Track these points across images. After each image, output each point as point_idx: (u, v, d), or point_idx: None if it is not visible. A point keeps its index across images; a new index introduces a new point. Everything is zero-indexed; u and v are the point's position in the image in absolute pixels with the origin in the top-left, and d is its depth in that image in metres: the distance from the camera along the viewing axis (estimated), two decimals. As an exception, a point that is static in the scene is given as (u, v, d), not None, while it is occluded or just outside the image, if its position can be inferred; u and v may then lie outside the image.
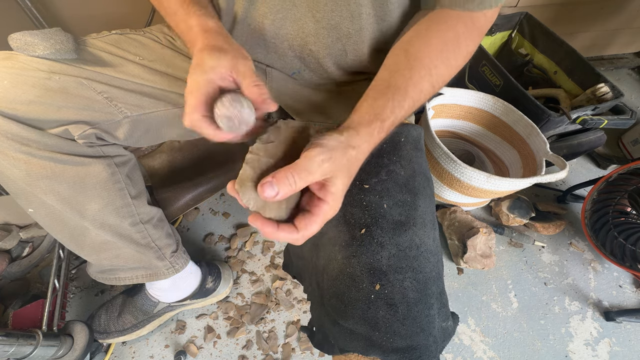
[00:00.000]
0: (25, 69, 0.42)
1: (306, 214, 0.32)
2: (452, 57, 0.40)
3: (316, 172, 0.30)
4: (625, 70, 1.62)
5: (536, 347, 0.87)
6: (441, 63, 0.39)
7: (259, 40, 0.49)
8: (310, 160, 0.30)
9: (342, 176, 0.32)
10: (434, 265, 0.42)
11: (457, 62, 0.41)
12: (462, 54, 0.41)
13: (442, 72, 0.39)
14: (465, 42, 0.40)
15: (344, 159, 0.32)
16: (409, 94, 0.37)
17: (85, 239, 0.53)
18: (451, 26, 0.39)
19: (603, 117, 0.92)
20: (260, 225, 0.31)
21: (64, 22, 0.90)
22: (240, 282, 0.91)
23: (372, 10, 0.44)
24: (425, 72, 0.38)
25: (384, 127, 0.36)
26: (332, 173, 0.31)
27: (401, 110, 0.37)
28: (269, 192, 0.29)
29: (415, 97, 0.38)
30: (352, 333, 0.39)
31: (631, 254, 0.87)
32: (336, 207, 0.33)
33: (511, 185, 0.82)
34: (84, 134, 0.45)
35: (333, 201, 0.32)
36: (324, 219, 0.32)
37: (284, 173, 0.30)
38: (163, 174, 0.87)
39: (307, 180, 0.30)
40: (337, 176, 0.32)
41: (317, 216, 0.32)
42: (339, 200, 0.33)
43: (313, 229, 0.32)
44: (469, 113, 1.05)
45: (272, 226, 0.31)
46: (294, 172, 0.30)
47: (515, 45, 1.21)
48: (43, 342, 0.61)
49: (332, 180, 0.32)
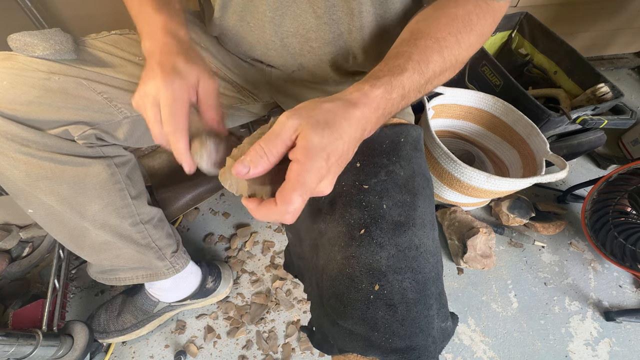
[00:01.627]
0: (24, 70, 0.42)
1: (283, 184, 0.28)
2: (462, 30, 0.37)
3: (281, 131, 0.28)
4: (625, 70, 1.62)
5: (536, 347, 0.87)
6: (450, 35, 0.36)
7: (258, 39, 0.49)
8: (277, 123, 0.28)
9: (314, 127, 0.28)
10: (433, 266, 0.42)
11: (470, 38, 0.37)
12: (475, 30, 0.38)
13: (452, 45, 0.36)
14: (478, 20, 0.38)
15: (314, 111, 0.29)
16: (414, 58, 0.34)
17: (86, 240, 0.53)
18: (460, 4, 0.38)
19: (603, 117, 0.92)
20: (245, 204, 0.30)
21: (64, 22, 0.90)
22: (240, 282, 0.91)
23: (372, 9, 0.44)
24: (432, 41, 0.35)
25: (378, 83, 0.32)
26: (301, 127, 0.28)
27: (402, 71, 0.33)
28: (240, 168, 0.28)
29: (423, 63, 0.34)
30: (351, 333, 0.39)
31: (631, 254, 0.87)
32: (316, 166, 0.27)
33: (511, 185, 0.81)
34: (84, 135, 0.45)
35: (307, 158, 0.27)
36: (301, 182, 0.27)
37: (253, 147, 0.28)
38: (163, 174, 0.87)
39: (275, 144, 0.28)
40: (307, 129, 0.28)
41: (289, 182, 0.27)
42: (319, 157, 0.27)
43: (293, 199, 0.27)
44: (469, 113, 1.05)
45: (255, 203, 0.30)
46: (261, 141, 0.28)
47: (515, 45, 1.21)
48: (43, 342, 0.61)
49: (302, 135, 0.28)
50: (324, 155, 0.28)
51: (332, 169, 0.29)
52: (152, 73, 0.36)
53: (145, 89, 0.35)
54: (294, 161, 0.28)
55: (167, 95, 0.34)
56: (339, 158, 0.29)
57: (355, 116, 0.30)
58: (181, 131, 0.34)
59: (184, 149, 0.35)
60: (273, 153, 0.28)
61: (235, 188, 0.31)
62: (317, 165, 0.27)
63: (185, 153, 0.35)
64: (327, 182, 0.30)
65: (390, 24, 0.47)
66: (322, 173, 0.28)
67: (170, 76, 0.35)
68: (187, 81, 0.36)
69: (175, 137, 0.34)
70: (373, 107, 0.31)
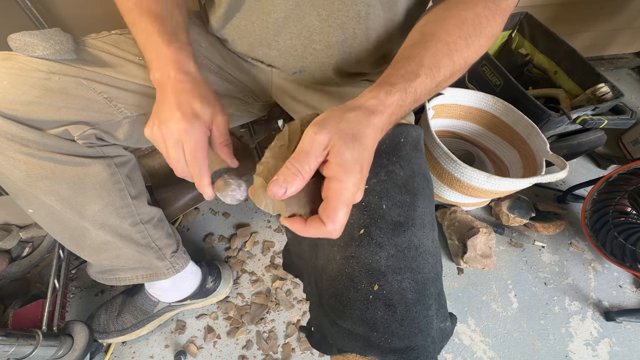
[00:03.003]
0: (24, 70, 0.42)
1: (323, 202, 0.29)
2: (472, 34, 0.37)
3: (312, 148, 0.28)
4: (625, 70, 1.62)
5: (536, 347, 0.87)
6: (460, 39, 0.37)
7: (261, 39, 0.49)
8: (304, 140, 0.29)
9: (346, 141, 0.28)
10: (433, 266, 0.41)
11: (480, 40, 0.38)
12: (484, 32, 0.38)
13: (461, 48, 0.37)
14: (488, 22, 0.38)
15: (340, 123, 0.29)
16: (425, 63, 0.35)
17: (86, 240, 0.53)
18: (470, 7, 0.38)
19: (603, 117, 0.92)
20: (289, 224, 0.30)
21: (64, 22, 0.90)
22: (240, 282, 0.91)
23: (382, 12, 0.44)
24: (443, 45, 0.36)
25: (393, 90, 0.32)
26: (332, 142, 0.28)
27: (415, 77, 0.34)
28: (277, 189, 0.28)
29: (434, 68, 0.35)
30: (351, 333, 0.39)
31: (631, 254, 0.87)
32: (353, 181, 0.28)
33: (511, 185, 0.81)
34: (84, 135, 0.45)
35: (344, 174, 0.28)
36: (343, 199, 0.28)
37: (285, 166, 0.28)
38: (163, 174, 0.87)
39: (308, 161, 0.28)
40: (338, 144, 0.28)
41: (332, 200, 0.28)
42: (355, 171, 0.28)
43: (339, 217, 0.28)
44: (469, 113, 1.05)
45: (299, 223, 0.30)
46: (293, 159, 0.28)
47: (515, 45, 1.21)
48: (43, 342, 0.61)
49: (334, 151, 0.28)
50: (357, 168, 0.29)
51: (364, 179, 0.30)
52: (170, 112, 0.38)
53: (168, 128, 0.38)
54: (332, 179, 0.28)
55: (191, 140, 0.37)
56: (368, 166, 0.31)
57: (375, 124, 0.31)
58: (205, 171, 0.39)
59: (207, 185, 0.39)
60: (306, 170, 0.28)
61: (271, 208, 0.31)
62: (354, 179, 0.28)
63: (209, 187, 0.39)
64: (361, 191, 0.31)
65: (395, 26, 0.47)
66: (358, 185, 0.29)
67: (191, 120, 0.37)
68: (205, 123, 0.39)
69: (199, 176, 0.39)
70: (389, 114, 0.32)
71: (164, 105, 0.39)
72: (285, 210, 0.31)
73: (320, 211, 0.29)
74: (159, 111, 0.39)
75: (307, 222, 0.30)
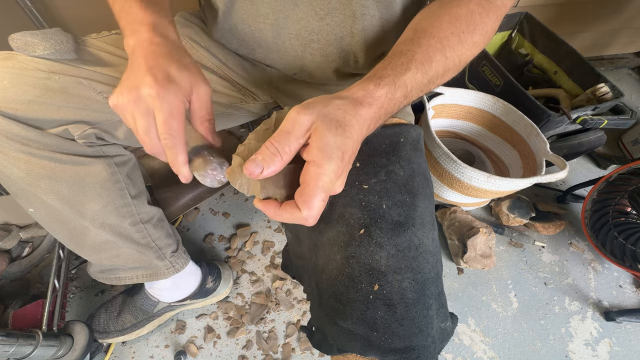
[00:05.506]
0: (25, 69, 0.42)
1: (300, 187, 0.28)
2: (465, 30, 0.37)
3: (293, 128, 0.27)
4: (625, 70, 1.62)
5: (536, 347, 0.87)
6: (452, 35, 0.36)
7: (260, 41, 0.49)
8: (288, 120, 0.27)
9: (329, 126, 0.27)
10: (433, 266, 0.41)
11: (473, 37, 0.38)
12: (478, 29, 0.38)
13: (454, 44, 0.36)
14: (481, 19, 0.38)
15: (326, 108, 0.28)
16: (417, 58, 0.34)
17: (86, 239, 0.53)
18: (463, 3, 0.38)
19: (603, 117, 0.92)
20: (262, 207, 0.29)
21: (64, 22, 0.90)
22: (240, 282, 0.91)
23: (378, 13, 0.44)
24: (436, 41, 0.35)
25: (382, 82, 0.32)
26: (314, 126, 0.27)
27: (405, 71, 0.33)
28: (253, 168, 0.26)
29: (426, 63, 0.34)
30: (351, 333, 0.39)
31: (631, 254, 0.87)
32: (333, 168, 0.27)
33: (511, 185, 0.81)
34: (84, 134, 0.45)
35: (324, 159, 0.27)
36: (321, 185, 0.27)
37: (265, 145, 0.27)
38: (163, 174, 0.87)
39: (288, 142, 0.27)
40: (321, 128, 0.27)
41: (309, 185, 0.27)
42: (336, 157, 0.27)
43: (314, 203, 0.27)
44: (469, 113, 1.05)
45: (273, 206, 0.29)
46: (273, 139, 0.27)
47: (515, 45, 1.21)
48: (43, 342, 0.61)
49: (317, 134, 0.27)
50: (339, 154, 0.27)
51: (345, 168, 0.29)
52: (140, 76, 0.33)
53: (137, 94, 0.32)
54: (311, 163, 0.27)
55: (164, 107, 0.32)
56: (351, 156, 0.29)
57: (362, 115, 0.30)
58: (180, 146, 0.33)
59: (183, 162, 0.33)
60: (286, 151, 0.27)
61: (246, 188, 0.30)
62: (334, 166, 0.27)
63: (184, 166, 0.34)
64: (341, 181, 0.30)
65: (392, 26, 0.47)
66: (338, 173, 0.28)
67: (165, 85, 0.32)
68: (182, 90, 0.33)
69: (173, 152, 0.33)
70: (377, 107, 0.31)
71: (132, 70, 0.34)
72: (260, 191, 0.29)
73: (296, 196, 0.28)
74: (127, 78, 0.34)
75: (281, 205, 0.29)
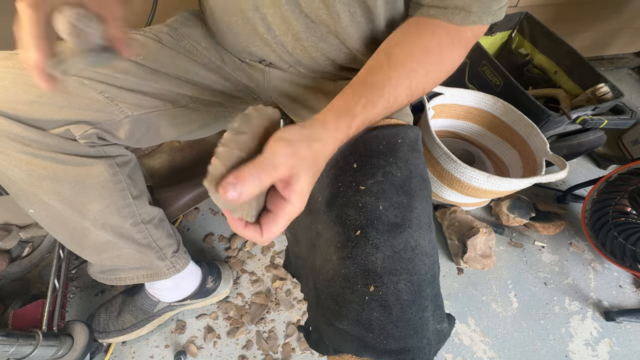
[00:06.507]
0: (26, 69, 0.41)
1: (269, 214, 0.31)
2: (435, 66, 0.40)
3: (281, 167, 0.29)
4: (625, 70, 1.62)
5: (536, 347, 0.87)
6: (422, 69, 0.39)
7: (255, 34, 0.49)
8: (275, 156, 0.29)
9: (307, 172, 0.31)
10: (429, 267, 0.41)
11: (440, 74, 0.41)
12: (444, 65, 0.41)
13: (422, 79, 0.40)
14: (449, 54, 0.40)
15: (309, 153, 0.31)
16: (385, 95, 0.37)
17: (87, 240, 0.53)
18: (436, 35, 0.39)
19: (603, 117, 0.92)
20: (229, 221, 0.31)
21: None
22: (240, 282, 0.91)
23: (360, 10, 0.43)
24: (405, 77, 0.38)
25: (353, 124, 0.35)
26: (297, 169, 0.30)
27: (373, 109, 0.36)
28: (231, 193, 0.27)
29: (391, 100, 0.38)
30: (346, 334, 0.39)
31: (631, 254, 0.87)
32: (301, 206, 0.31)
33: (511, 185, 0.82)
34: (86, 134, 0.45)
35: (297, 200, 0.30)
36: (289, 218, 0.31)
37: (247, 171, 0.27)
38: (163, 174, 0.87)
39: (273, 176, 0.28)
40: (301, 173, 0.30)
41: (280, 217, 0.30)
42: (304, 198, 0.31)
43: (276, 230, 0.31)
44: (469, 113, 1.05)
45: (239, 224, 0.31)
46: (259, 169, 0.28)
47: (515, 45, 1.22)
48: (43, 342, 0.61)
49: (297, 177, 0.30)
50: (309, 193, 0.32)
51: None
52: None
53: None
54: (287, 202, 0.30)
55: None
56: None
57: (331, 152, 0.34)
58: None
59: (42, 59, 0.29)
60: (266, 183, 0.28)
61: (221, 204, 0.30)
62: (303, 203, 0.31)
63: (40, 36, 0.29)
64: None
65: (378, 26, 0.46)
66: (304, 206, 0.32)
67: None
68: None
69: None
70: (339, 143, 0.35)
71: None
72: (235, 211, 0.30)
73: (263, 222, 0.31)
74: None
75: (246, 226, 0.31)
